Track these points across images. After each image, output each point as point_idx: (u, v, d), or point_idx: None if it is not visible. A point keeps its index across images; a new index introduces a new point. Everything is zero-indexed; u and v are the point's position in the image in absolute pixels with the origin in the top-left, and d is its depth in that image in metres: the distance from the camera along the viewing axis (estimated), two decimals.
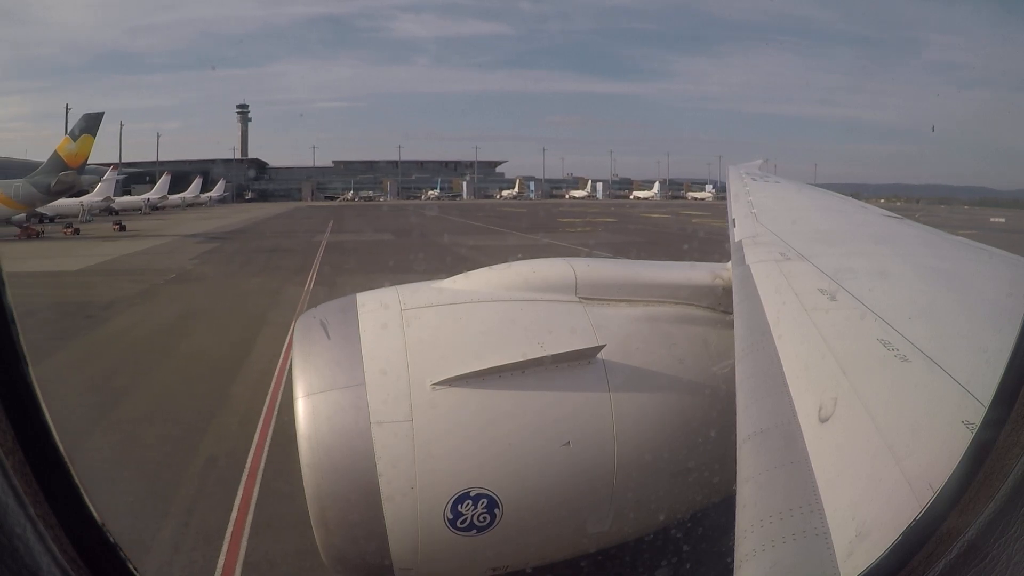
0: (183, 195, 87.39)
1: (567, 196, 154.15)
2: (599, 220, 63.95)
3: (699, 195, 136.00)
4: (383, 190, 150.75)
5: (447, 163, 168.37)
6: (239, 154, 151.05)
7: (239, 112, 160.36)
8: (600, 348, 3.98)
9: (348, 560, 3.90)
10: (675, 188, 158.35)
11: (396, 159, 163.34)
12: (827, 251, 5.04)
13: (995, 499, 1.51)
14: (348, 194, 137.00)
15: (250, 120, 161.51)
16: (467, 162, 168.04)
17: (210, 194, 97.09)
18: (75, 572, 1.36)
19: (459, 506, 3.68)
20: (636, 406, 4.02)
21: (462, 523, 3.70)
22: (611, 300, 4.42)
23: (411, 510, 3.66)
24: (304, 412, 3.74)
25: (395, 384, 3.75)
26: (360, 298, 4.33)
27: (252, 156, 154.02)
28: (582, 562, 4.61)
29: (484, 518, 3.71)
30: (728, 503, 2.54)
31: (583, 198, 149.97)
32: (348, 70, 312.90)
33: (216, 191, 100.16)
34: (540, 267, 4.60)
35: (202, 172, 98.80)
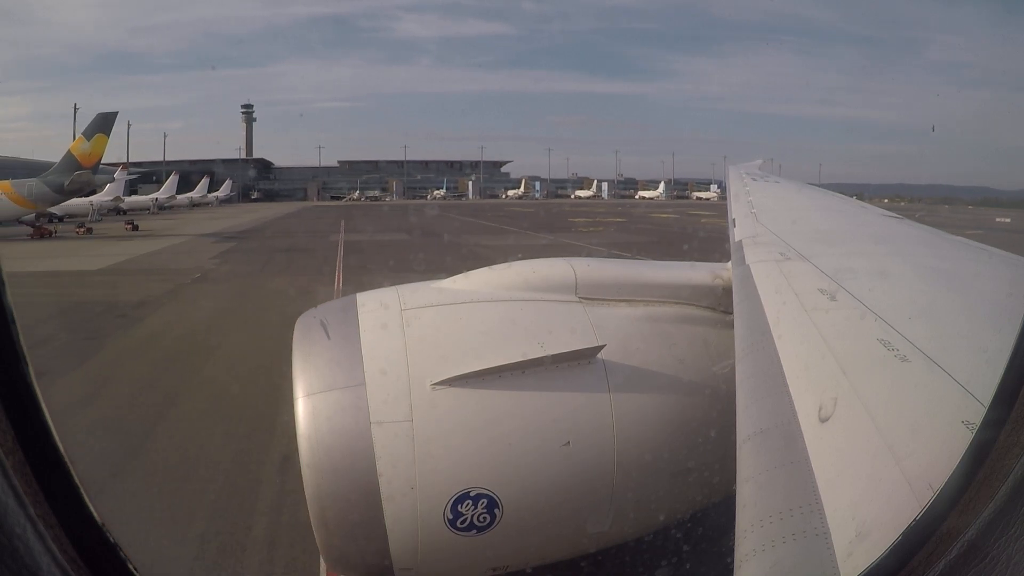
0: (190, 195, 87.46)
1: (573, 196, 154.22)
2: (609, 220, 63.66)
3: (704, 195, 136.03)
4: (389, 190, 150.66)
5: (452, 163, 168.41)
6: (244, 154, 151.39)
7: (244, 112, 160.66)
8: (600, 348, 3.98)
9: (348, 560, 3.90)
10: (680, 188, 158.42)
11: (400, 159, 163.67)
12: (827, 251, 5.03)
13: (995, 499, 1.52)
14: (354, 194, 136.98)
15: (255, 120, 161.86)
16: (472, 162, 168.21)
17: (216, 194, 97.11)
18: (75, 572, 1.36)
19: (459, 506, 3.68)
20: (636, 406, 4.01)
21: (462, 523, 3.70)
22: (611, 300, 4.41)
23: (411, 510, 3.66)
24: (304, 412, 3.74)
25: (395, 384, 3.75)
26: (360, 298, 4.34)
27: (256, 156, 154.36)
28: (582, 562, 4.61)
29: (484, 518, 3.71)
30: (728, 503, 2.54)
31: (588, 198, 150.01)
32: (350, 70, 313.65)
33: (222, 191, 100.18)
34: (540, 267, 4.60)
35: (208, 172, 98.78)
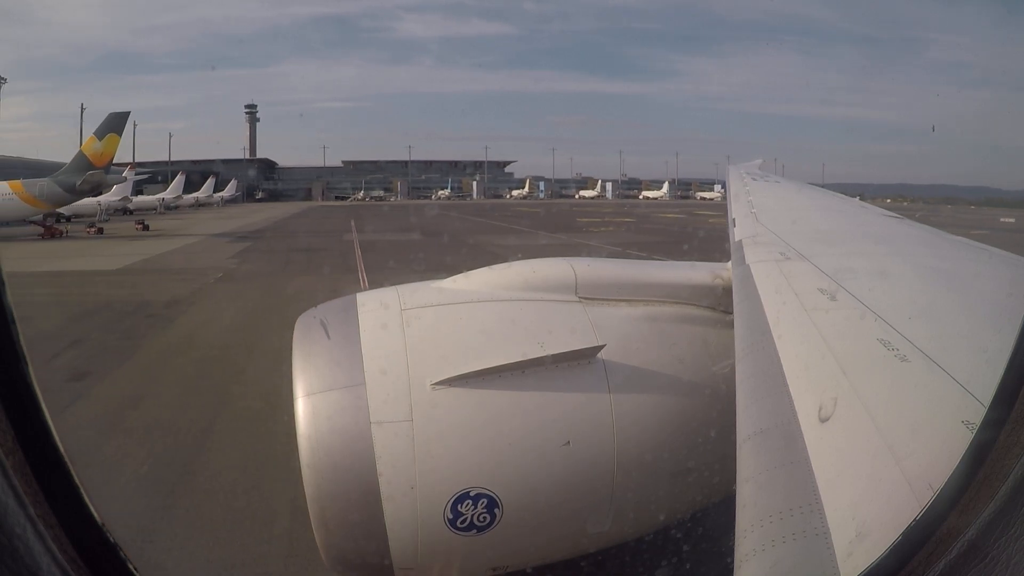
0: (196, 195, 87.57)
1: (577, 196, 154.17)
2: (618, 220, 63.29)
3: (708, 195, 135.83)
4: (393, 190, 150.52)
5: (455, 163, 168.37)
6: (247, 154, 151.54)
7: (247, 112, 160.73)
8: (600, 348, 3.98)
9: (348, 560, 3.90)
10: (683, 188, 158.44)
11: (403, 159, 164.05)
12: (827, 251, 5.03)
13: (995, 499, 1.52)
14: (359, 194, 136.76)
15: (258, 120, 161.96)
16: (476, 162, 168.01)
17: (222, 194, 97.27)
18: (75, 572, 1.36)
19: (459, 506, 3.67)
20: (636, 406, 4.01)
21: (462, 523, 3.69)
22: (611, 300, 4.41)
23: (411, 510, 3.65)
24: (304, 412, 3.74)
25: (395, 384, 3.75)
26: (360, 298, 4.34)
27: (259, 156, 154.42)
28: (582, 562, 4.61)
29: (484, 518, 3.71)
30: (728, 503, 2.53)
31: (593, 198, 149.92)
32: (352, 70, 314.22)
33: (228, 191, 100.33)
34: (540, 267, 4.60)
35: (213, 172, 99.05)
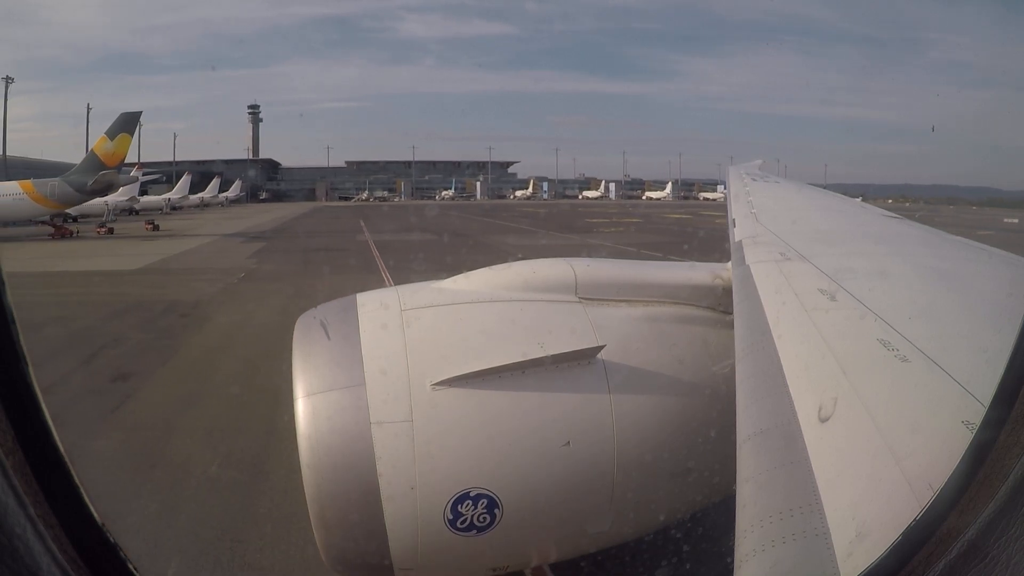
0: (201, 195, 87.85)
1: (580, 197, 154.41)
2: (625, 220, 63.08)
3: (711, 195, 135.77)
4: (397, 191, 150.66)
5: (458, 163, 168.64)
6: (250, 154, 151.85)
7: (250, 112, 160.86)
8: (600, 348, 3.98)
9: (348, 560, 3.90)
10: (686, 188, 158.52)
11: (406, 159, 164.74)
12: (827, 251, 5.03)
13: (995, 499, 1.51)
14: (363, 195, 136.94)
15: (261, 120, 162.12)
16: (479, 162, 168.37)
17: (226, 194, 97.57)
18: (75, 572, 1.36)
19: (459, 506, 3.67)
20: (636, 406, 4.01)
21: (462, 523, 3.69)
22: (611, 300, 4.41)
23: (411, 510, 3.65)
24: (304, 412, 3.74)
25: (395, 384, 3.75)
26: (360, 298, 4.34)
27: (260, 157, 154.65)
28: (582, 562, 4.61)
29: (484, 518, 3.71)
30: (728, 503, 2.54)
31: (596, 199, 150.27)
32: (354, 70, 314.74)
33: (232, 191, 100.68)
34: (540, 267, 4.60)
35: (217, 172, 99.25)
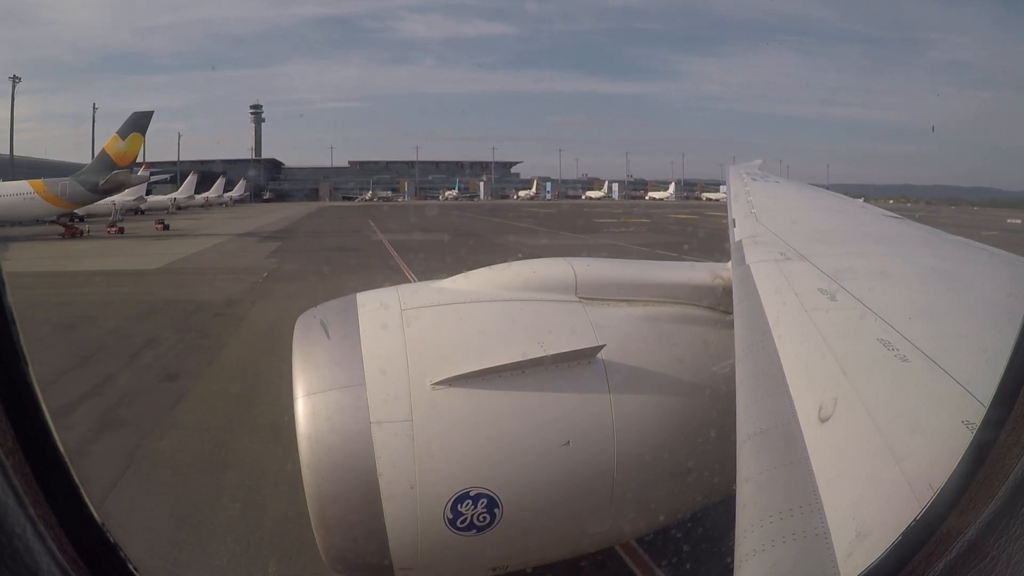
0: (207, 195, 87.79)
1: (584, 197, 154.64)
2: (633, 220, 62.79)
3: (714, 196, 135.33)
4: (400, 191, 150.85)
5: (461, 164, 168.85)
6: (253, 154, 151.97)
7: (253, 112, 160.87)
8: (600, 348, 3.98)
9: (348, 560, 3.90)
10: (689, 189, 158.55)
11: (408, 159, 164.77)
12: (827, 251, 5.03)
13: (995, 499, 1.51)
14: (367, 194, 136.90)
15: (263, 120, 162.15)
16: (482, 163, 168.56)
17: (231, 194, 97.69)
18: (75, 572, 1.36)
19: (459, 506, 3.67)
20: (636, 406, 4.01)
21: (462, 523, 3.69)
22: (611, 300, 4.41)
23: (411, 510, 3.66)
24: (304, 412, 3.74)
25: (395, 384, 3.75)
26: (360, 298, 4.34)
27: (263, 157, 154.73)
28: (582, 562, 4.61)
29: (484, 518, 3.71)
30: (728, 503, 2.54)
31: (599, 199, 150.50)
32: (354, 70, 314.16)
33: (236, 191, 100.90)
34: (540, 267, 4.60)
35: (221, 172, 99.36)
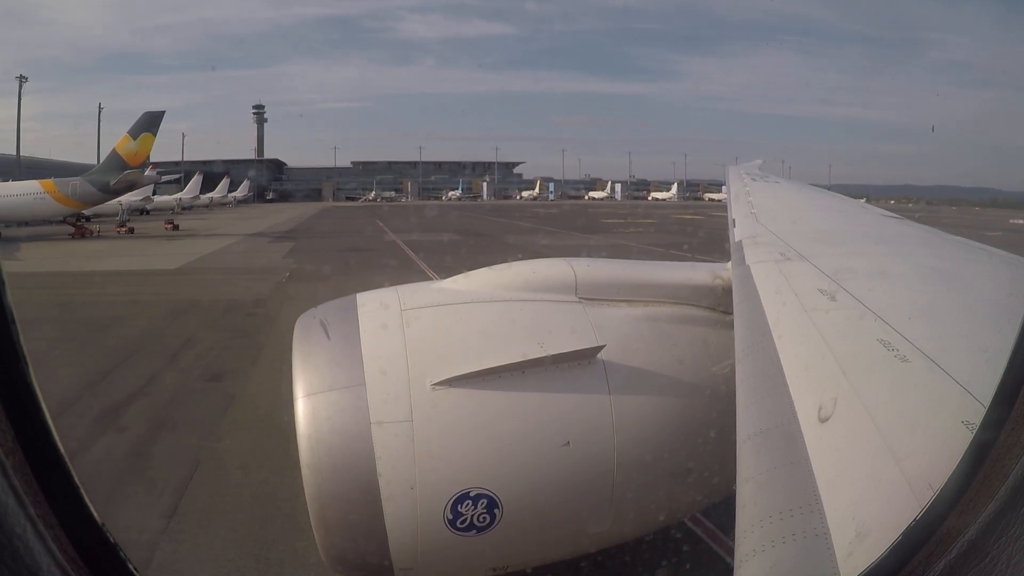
0: (211, 195, 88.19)
1: (586, 197, 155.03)
2: (641, 221, 62.47)
3: (716, 196, 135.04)
4: (403, 191, 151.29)
5: (464, 164, 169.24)
6: (255, 154, 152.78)
7: (255, 112, 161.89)
8: (600, 348, 3.98)
9: (348, 560, 3.90)
10: (691, 189, 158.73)
11: (409, 159, 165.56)
12: (827, 251, 5.02)
13: (995, 499, 1.51)
14: (370, 195, 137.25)
15: (266, 120, 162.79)
16: (485, 163, 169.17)
17: (234, 194, 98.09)
18: (75, 572, 1.36)
19: (459, 506, 3.67)
20: (636, 406, 4.01)
21: (462, 523, 3.69)
22: (611, 300, 4.41)
23: (411, 510, 3.66)
24: (304, 412, 3.74)
25: (395, 384, 3.75)
26: (360, 298, 4.34)
27: (262, 157, 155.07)
28: (582, 562, 4.61)
29: (484, 518, 3.71)
30: (728, 503, 2.54)
31: (602, 199, 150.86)
32: (354, 71, 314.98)
33: (240, 191, 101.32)
34: (540, 267, 4.60)
35: (226, 172, 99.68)
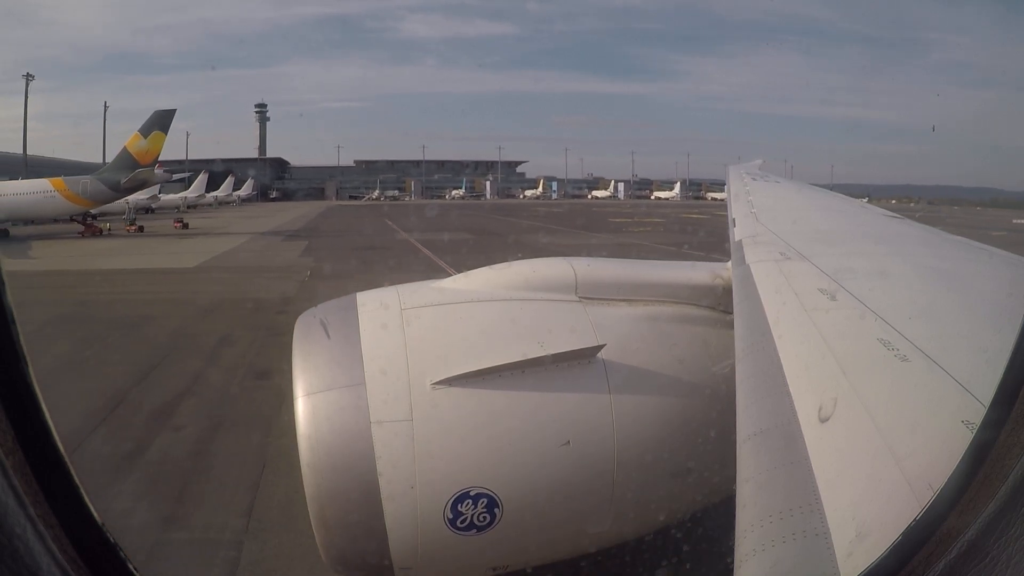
0: (216, 194, 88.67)
1: (589, 196, 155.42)
2: (647, 220, 62.25)
3: (719, 196, 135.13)
4: (407, 190, 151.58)
5: (467, 163, 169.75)
6: (258, 153, 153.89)
7: (257, 111, 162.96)
8: (600, 348, 3.98)
9: (348, 560, 3.90)
10: (694, 189, 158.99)
11: (411, 158, 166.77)
12: (827, 251, 5.02)
13: (995, 499, 1.51)
14: (374, 193, 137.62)
15: (268, 120, 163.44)
16: (488, 162, 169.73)
17: (239, 193, 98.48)
18: (75, 572, 1.36)
19: (459, 506, 3.67)
20: (636, 406, 4.01)
21: (462, 523, 3.70)
22: (611, 300, 4.41)
23: (411, 510, 3.66)
24: (304, 412, 3.74)
25: (395, 384, 3.75)
26: (360, 297, 4.34)
27: (265, 156, 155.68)
28: (582, 562, 4.60)
29: (484, 518, 3.71)
30: (728, 503, 2.53)
31: (605, 198, 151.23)
32: (355, 70, 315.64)
33: (244, 190, 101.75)
34: (540, 266, 4.60)
35: (231, 171, 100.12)
